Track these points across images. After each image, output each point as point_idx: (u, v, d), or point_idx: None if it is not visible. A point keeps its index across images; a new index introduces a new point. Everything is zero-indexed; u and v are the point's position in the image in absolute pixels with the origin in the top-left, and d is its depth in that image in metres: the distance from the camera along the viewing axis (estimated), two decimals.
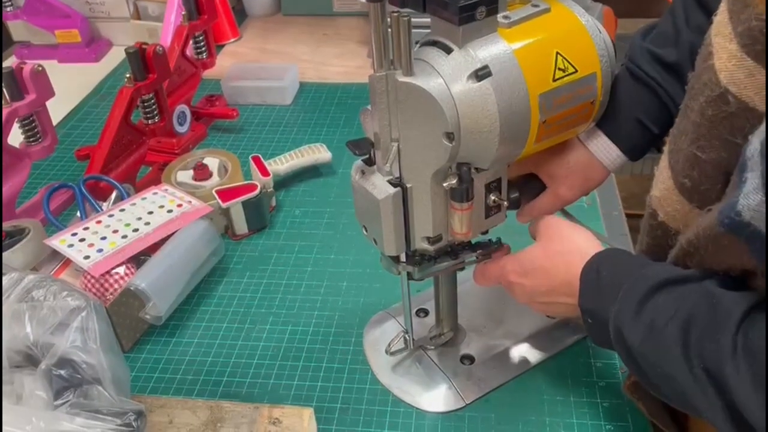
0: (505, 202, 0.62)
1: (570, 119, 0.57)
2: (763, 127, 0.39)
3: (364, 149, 0.59)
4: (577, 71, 0.55)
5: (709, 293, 0.46)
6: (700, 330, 0.45)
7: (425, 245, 0.61)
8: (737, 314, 0.44)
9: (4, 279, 0.55)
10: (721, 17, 0.46)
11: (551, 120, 0.55)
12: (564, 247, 0.59)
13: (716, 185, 0.48)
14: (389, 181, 0.58)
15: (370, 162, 0.59)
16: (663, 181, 0.54)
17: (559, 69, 0.54)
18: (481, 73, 0.51)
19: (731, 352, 0.43)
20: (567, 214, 0.70)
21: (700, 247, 0.47)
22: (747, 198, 0.39)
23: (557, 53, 0.54)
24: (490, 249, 0.67)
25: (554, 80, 0.54)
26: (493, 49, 0.53)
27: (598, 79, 0.57)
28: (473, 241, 0.66)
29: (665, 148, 0.54)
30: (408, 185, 0.57)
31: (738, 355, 0.42)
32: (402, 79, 0.52)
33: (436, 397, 0.70)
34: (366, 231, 0.62)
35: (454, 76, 0.52)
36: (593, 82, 0.57)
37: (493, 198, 0.61)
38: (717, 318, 0.45)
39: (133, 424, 0.52)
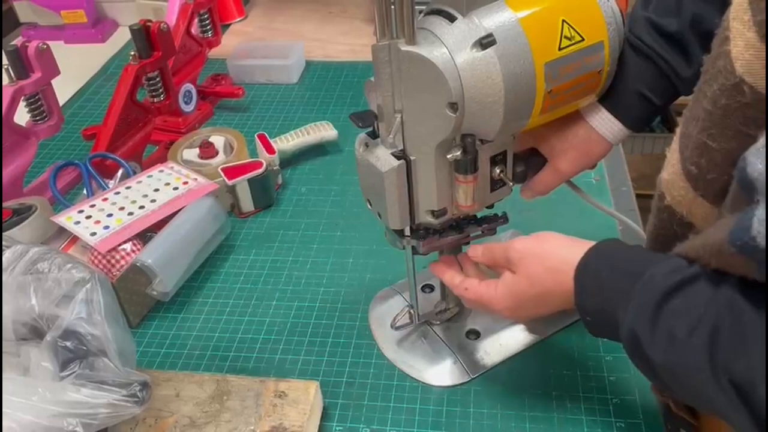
0: (511, 176, 0.61)
1: (576, 89, 0.56)
2: (762, 142, 0.37)
3: (368, 121, 0.58)
4: (583, 40, 0.54)
5: (729, 302, 0.43)
6: (727, 342, 0.42)
7: (430, 219, 0.61)
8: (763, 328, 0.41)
9: (9, 252, 0.55)
10: None
11: (557, 90, 0.55)
12: (547, 266, 0.56)
13: (723, 176, 0.47)
14: (393, 154, 0.57)
15: (374, 135, 0.59)
16: (672, 165, 0.52)
17: (566, 37, 0.53)
18: (485, 42, 0.51)
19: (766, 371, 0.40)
20: (573, 186, 0.69)
21: (703, 257, 0.45)
22: (762, 225, 0.37)
23: (563, 21, 0.53)
24: (495, 223, 0.66)
25: (560, 49, 0.53)
26: (498, 17, 0.52)
27: (606, 48, 0.56)
28: (479, 216, 0.66)
29: (677, 130, 0.52)
30: (412, 157, 0.57)
31: None
32: (405, 48, 0.52)
33: (441, 372, 0.70)
34: (370, 205, 0.62)
35: (458, 44, 0.51)
36: (600, 51, 0.56)
37: (498, 171, 0.61)
38: (743, 329, 0.42)
39: (138, 394, 0.53)
